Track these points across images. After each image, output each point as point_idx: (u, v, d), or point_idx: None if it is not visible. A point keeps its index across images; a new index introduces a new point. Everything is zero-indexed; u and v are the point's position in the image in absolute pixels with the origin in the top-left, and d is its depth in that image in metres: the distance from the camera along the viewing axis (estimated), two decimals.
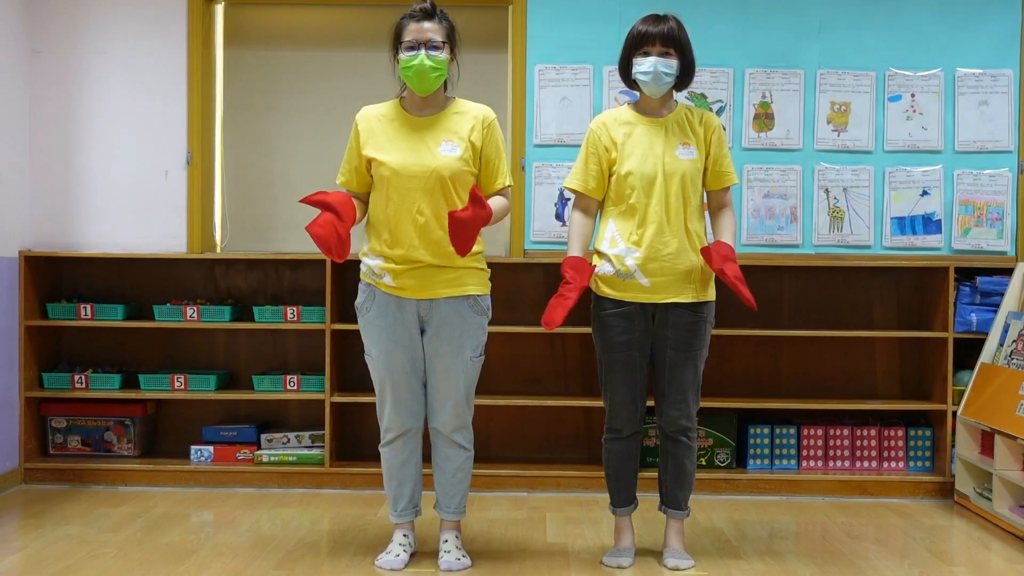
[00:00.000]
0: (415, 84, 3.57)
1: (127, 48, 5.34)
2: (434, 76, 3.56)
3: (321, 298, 5.17)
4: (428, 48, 3.54)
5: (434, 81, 3.57)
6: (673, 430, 3.84)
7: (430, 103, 3.65)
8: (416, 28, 3.56)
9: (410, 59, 3.54)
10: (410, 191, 3.54)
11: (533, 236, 5.30)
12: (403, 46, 3.57)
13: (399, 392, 3.63)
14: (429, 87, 3.58)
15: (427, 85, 3.57)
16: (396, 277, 3.57)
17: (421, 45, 3.54)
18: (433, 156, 3.56)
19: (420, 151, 3.57)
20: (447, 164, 3.55)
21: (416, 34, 3.55)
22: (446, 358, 3.61)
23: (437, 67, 3.55)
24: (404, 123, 3.64)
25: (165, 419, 5.46)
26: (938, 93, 5.26)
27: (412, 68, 3.54)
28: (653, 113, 3.83)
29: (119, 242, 5.31)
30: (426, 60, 3.53)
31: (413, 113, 3.66)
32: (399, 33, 3.60)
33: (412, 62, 3.54)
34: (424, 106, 3.65)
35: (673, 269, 3.72)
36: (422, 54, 3.53)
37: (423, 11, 3.59)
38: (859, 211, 5.26)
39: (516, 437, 5.41)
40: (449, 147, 3.58)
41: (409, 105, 3.68)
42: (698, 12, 5.14)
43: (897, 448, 5.20)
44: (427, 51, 3.53)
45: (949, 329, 5.05)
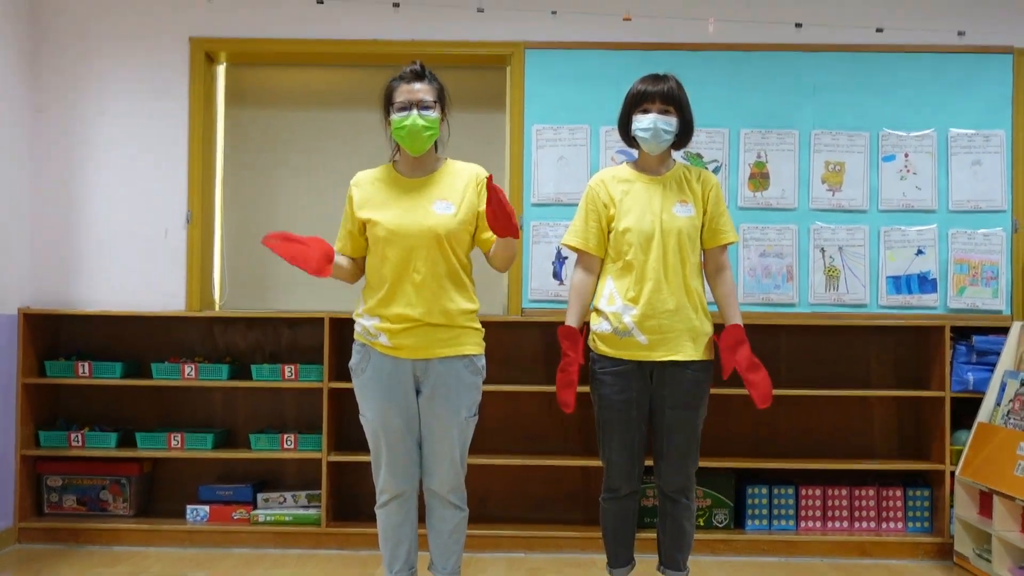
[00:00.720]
0: (408, 144, 3.59)
1: (129, 107, 5.39)
2: (426, 135, 3.58)
3: (319, 356, 5.16)
4: (419, 108, 3.56)
5: (426, 140, 3.59)
6: (672, 490, 3.81)
7: (422, 164, 3.67)
8: (407, 89, 3.59)
9: (402, 119, 3.56)
10: (406, 250, 3.54)
11: (531, 295, 5.30)
12: (395, 107, 3.59)
13: (395, 453, 3.61)
14: (422, 146, 3.60)
15: (419, 144, 3.59)
16: (392, 337, 3.56)
17: (412, 105, 3.55)
18: (428, 215, 3.57)
19: (415, 211, 3.58)
20: (442, 223, 3.56)
21: (407, 95, 3.57)
22: (442, 418, 3.59)
23: (429, 126, 3.57)
24: (398, 185, 3.65)
25: (161, 478, 5.43)
26: (931, 153, 5.30)
27: (404, 128, 3.56)
28: (652, 171, 3.85)
29: (118, 300, 5.32)
30: (418, 120, 3.55)
31: (406, 175, 3.67)
32: (390, 95, 3.63)
33: (404, 122, 3.56)
34: (417, 167, 3.67)
35: (671, 327, 3.71)
36: (414, 114, 3.55)
37: (413, 72, 3.61)
38: (855, 270, 5.27)
39: (514, 496, 5.37)
40: (443, 206, 3.59)
41: (402, 167, 3.69)
42: (694, 73, 5.16)
43: (896, 508, 5.17)
44: (419, 111, 3.55)
45: (946, 388, 5.04)
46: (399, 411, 3.58)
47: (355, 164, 3.82)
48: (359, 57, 5.51)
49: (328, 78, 5.82)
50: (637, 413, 3.77)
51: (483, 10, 5.28)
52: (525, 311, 5.29)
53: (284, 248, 3.48)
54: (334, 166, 5.63)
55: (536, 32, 5.34)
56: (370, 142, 4.27)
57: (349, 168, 3.83)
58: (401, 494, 3.64)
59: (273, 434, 5.18)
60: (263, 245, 3.46)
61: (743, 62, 5.32)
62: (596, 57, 5.32)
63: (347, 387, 4.95)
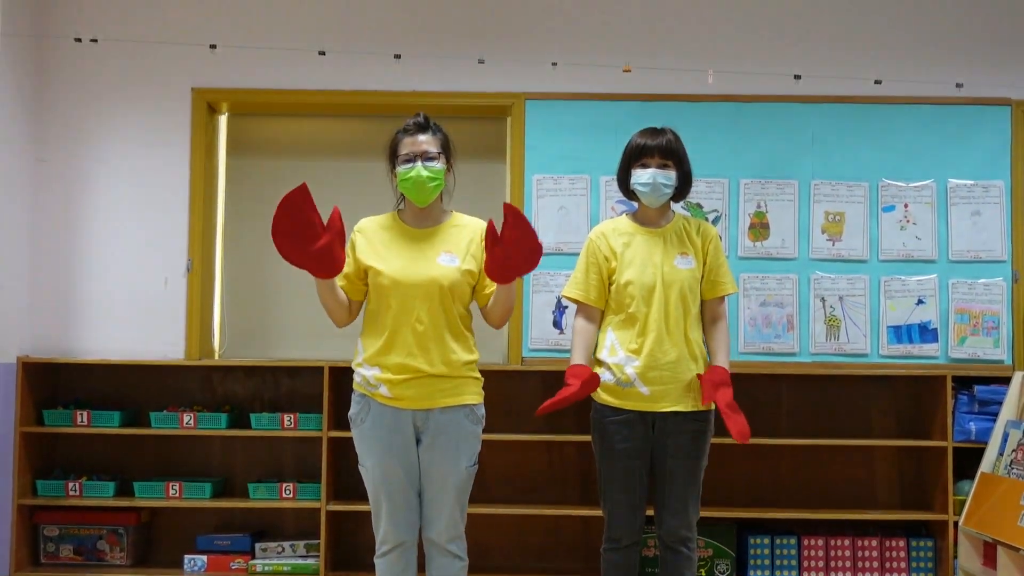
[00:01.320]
0: (413, 195, 3.60)
1: (131, 157, 5.40)
2: (431, 186, 3.58)
3: (318, 405, 5.13)
4: (424, 160, 3.56)
5: (432, 191, 3.60)
6: (673, 540, 3.78)
7: (428, 215, 3.67)
8: (411, 141, 3.60)
9: (407, 171, 3.57)
10: (409, 299, 3.54)
11: (531, 344, 5.29)
12: (399, 159, 3.60)
13: (395, 504, 3.58)
14: (427, 197, 3.60)
15: (425, 195, 3.59)
16: (393, 388, 3.54)
17: (417, 157, 3.56)
18: (432, 266, 3.57)
19: (419, 261, 3.58)
20: (446, 274, 3.56)
21: (411, 147, 3.59)
22: (442, 468, 3.57)
23: (434, 177, 3.57)
24: (402, 234, 3.65)
25: (159, 527, 5.38)
26: (931, 203, 5.31)
27: (410, 180, 3.57)
28: (652, 223, 3.86)
29: (117, 348, 5.30)
30: (423, 171, 3.56)
31: (411, 224, 3.67)
32: (395, 147, 3.64)
33: (409, 174, 3.57)
34: (422, 218, 3.67)
35: (673, 378, 3.71)
36: (418, 166, 3.56)
37: (416, 124, 3.63)
38: (855, 319, 5.27)
39: (514, 546, 5.32)
40: (448, 258, 3.59)
41: (407, 217, 3.69)
42: (693, 124, 5.20)
43: (899, 559, 5.13)
44: (423, 162, 3.56)
45: (948, 438, 5.01)
46: (399, 461, 3.56)
47: (357, 214, 3.82)
48: (360, 108, 5.53)
49: (329, 128, 5.84)
50: (639, 462, 3.75)
51: (484, 61, 5.31)
52: (525, 360, 5.28)
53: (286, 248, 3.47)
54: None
55: (536, 83, 5.37)
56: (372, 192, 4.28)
57: (352, 217, 3.83)
58: (402, 544, 3.60)
59: (272, 483, 5.14)
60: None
61: (742, 113, 5.34)
62: (596, 108, 5.34)
63: (346, 436, 4.91)
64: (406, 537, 3.61)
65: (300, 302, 5.49)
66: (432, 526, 3.61)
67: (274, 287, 5.67)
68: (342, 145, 5.81)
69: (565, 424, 5.27)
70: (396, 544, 3.60)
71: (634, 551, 3.84)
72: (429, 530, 3.62)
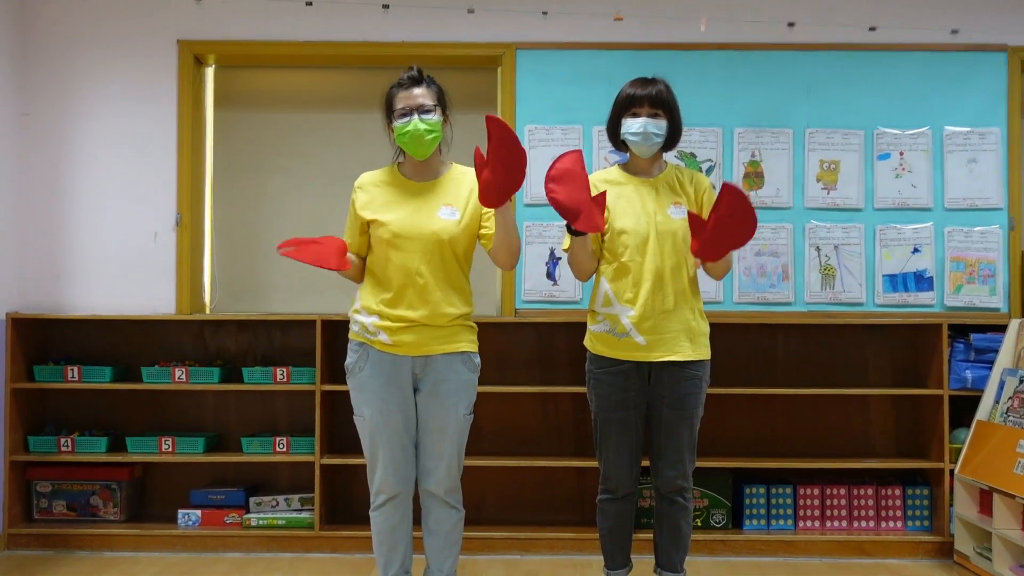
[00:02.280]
0: (412, 149, 3.58)
1: (117, 111, 5.32)
2: (429, 139, 3.56)
3: (311, 359, 5.10)
4: (420, 113, 3.55)
5: (430, 144, 3.58)
6: (669, 490, 3.76)
7: (427, 168, 3.65)
8: (406, 95, 3.58)
9: (404, 125, 3.56)
10: (410, 253, 3.53)
11: (524, 296, 5.25)
12: (396, 114, 3.59)
13: (392, 453, 3.56)
14: (426, 150, 3.58)
15: (424, 148, 3.58)
16: (392, 335, 3.53)
17: (413, 111, 3.55)
18: (432, 219, 3.56)
19: (420, 214, 3.57)
20: (446, 228, 3.55)
21: (407, 101, 3.57)
22: (440, 416, 3.56)
23: (432, 129, 3.56)
24: (402, 188, 3.63)
25: (152, 483, 5.36)
26: (927, 151, 5.26)
27: (407, 134, 3.55)
28: (643, 173, 3.81)
29: (107, 304, 5.25)
30: (420, 124, 3.54)
31: (411, 178, 3.66)
32: (390, 102, 3.62)
33: (407, 128, 3.55)
34: (422, 171, 3.65)
35: (668, 327, 3.68)
36: (415, 119, 3.55)
37: (411, 78, 3.61)
38: (851, 269, 5.23)
39: (509, 499, 5.31)
40: (448, 211, 3.58)
41: (407, 171, 3.67)
42: (687, 73, 5.15)
43: (895, 508, 5.12)
44: (420, 115, 3.55)
45: (944, 386, 4.99)
46: (398, 408, 3.55)
47: (347, 166, 3.79)
48: (349, 59, 5.45)
49: (318, 80, 5.78)
50: (635, 413, 3.72)
51: (473, 11, 5.24)
52: (519, 312, 5.24)
53: (303, 253, 3.48)
54: (325, 169, 5.59)
55: (527, 32, 5.29)
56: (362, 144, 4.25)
57: (341, 171, 3.80)
58: (398, 495, 3.59)
59: (265, 437, 5.11)
60: (281, 254, 3.46)
61: (736, 61, 5.27)
62: (588, 57, 5.27)
63: (340, 389, 4.91)
64: (402, 488, 3.59)
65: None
66: (430, 476, 3.60)
67: (265, 240, 5.63)
68: (330, 97, 5.76)
69: (559, 376, 5.27)
70: (392, 495, 3.59)
71: (630, 501, 3.83)
72: (426, 480, 3.61)
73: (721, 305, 5.21)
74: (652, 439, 3.77)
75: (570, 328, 5.15)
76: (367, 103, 3.71)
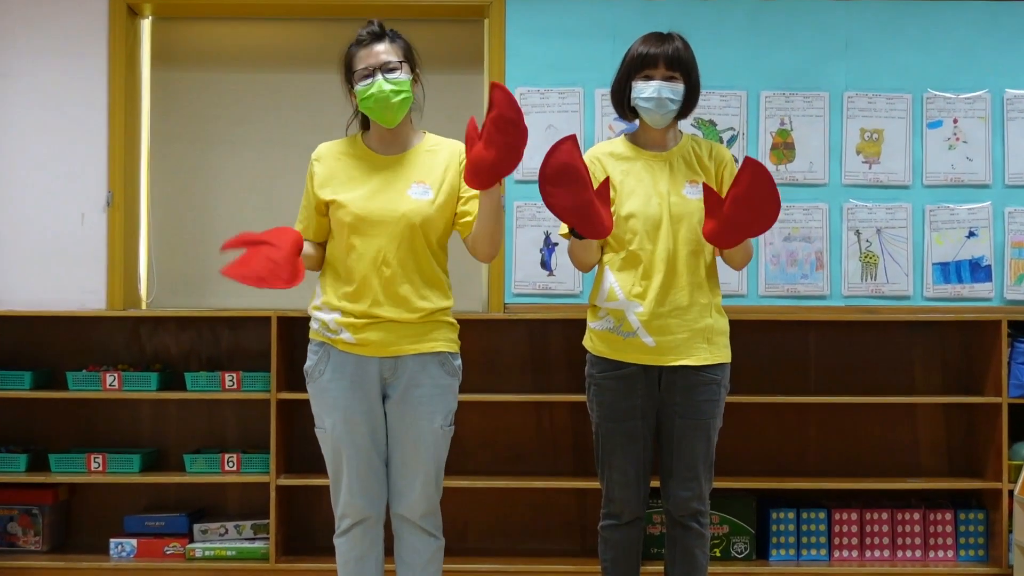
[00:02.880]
0: (379, 115, 3.58)
1: (37, 69, 5.36)
2: (397, 101, 3.56)
3: (266, 362, 5.14)
4: (384, 72, 3.56)
5: (399, 107, 3.58)
6: (682, 514, 3.79)
7: (396, 138, 3.66)
8: (367, 53, 3.58)
9: (367, 87, 3.55)
10: (375, 238, 3.54)
11: (515, 288, 5.30)
12: (356, 76, 3.59)
13: (358, 470, 3.59)
14: (395, 115, 3.59)
15: (392, 113, 3.58)
16: (356, 332, 3.57)
17: (376, 70, 3.55)
18: (402, 199, 3.57)
19: (387, 193, 3.58)
20: (418, 209, 3.56)
21: (368, 59, 3.57)
22: (413, 426, 3.59)
23: (399, 90, 3.56)
24: (368, 162, 3.65)
25: (80, 507, 5.40)
26: (984, 118, 5.32)
27: (371, 97, 3.55)
28: (655, 146, 3.82)
29: (26, 298, 5.29)
30: (385, 85, 3.54)
31: (378, 151, 3.66)
32: (350, 63, 3.62)
33: (370, 90, 3.55)
34: (390, 142, 3.66)
35: (682, 326, 3.70)
36: (379, 79, 3.54)
37: (371, 34, 3.61)
38: (895, 256, 5.30)
39: (497, 525, 5.37)
40: (421, 189, 3.59)
41: (372, 142, 3.68)
42: (705, 26, 5.19)
43: (945, 535, 5.19)
44: (384, 75, 3.55)
45: (1003, 393, 5.05)
46: (364, 417, 3.58)
47: (308, 135, 3.82)
48: (309, 9, 5.50)
49: (272, 34, 5.80)
50: (643, 424, 3.75)
51: None
52: (508, 307, 5.30)
53: (248, 268, 3.45)
54: (283, 138, 5.59)
55: None
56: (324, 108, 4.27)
57: (299, 139, 3.85)
58: (365, 519, 3.62)
59: (212, 454, 5.16)
60: (223, 276, 3.45)
61: (763, 13, 5.32)
62: (589, 7, 5.31)
63: (298, 398, 4.95)
64: (371, 511, 3.63)
65: None
66: (402, 498, 3.63)
67: (210, 222, 5.66)
68: (285, 53, 5.76)
69: (555, 381, 5.31)
70: (359, 519, 3.62)
71: (637, 528, 3.85)
72: (399, 504, 3.64)
73: (744, 299, 5.28)
74: (663, 455, 3.80)
75: (568, 325, 5.18)
76: (327, 60, 3.72)
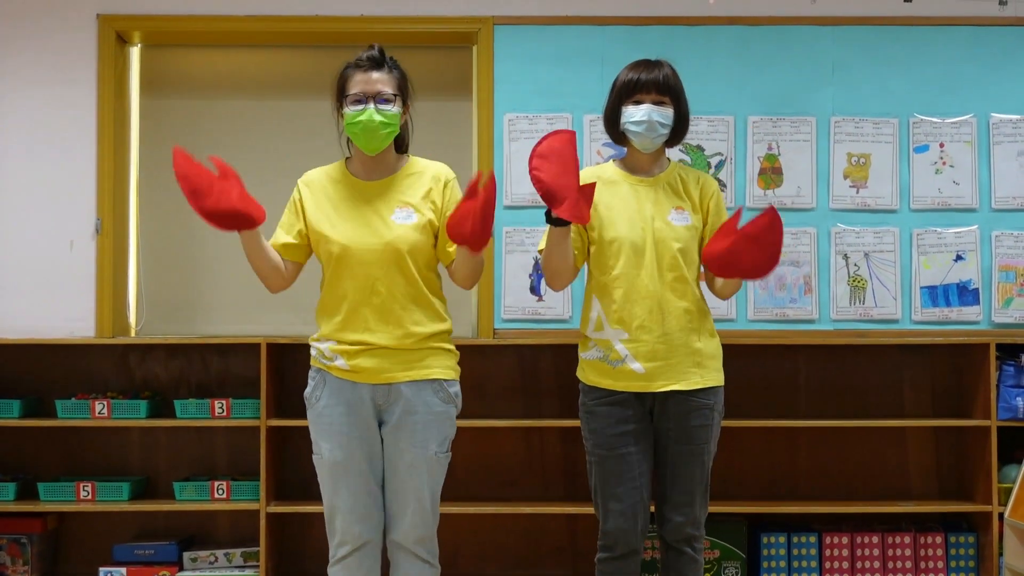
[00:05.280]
0: (362, 142, 3.59)
1: (26, 98, 5.37)
2: (384, 133, 3.58)
3: (255, 389, 5.13)
4: (377, 101, 3.56)
5: (384, 139, 3.59)
6: (676, 539, 3.78)
7: (380, 164, 3.66)
8: (363, 79, 3.59)
9: (356, 114, 3.56)
10: (363, 267, 3.55)
11: (504, 313, 5.30)
12: (348, 99, 3.59)
13: (355, 495, 3.59)
14: (378, 145, 3.60)
15: (376, 143, 3.59)
16: (350, 359, 3.57)
17: (369, 98, 3.56)
18: (387, 227, 3.57)
19: (372, 222, 3.58)
20: (403, 236, 3.56)
21: (363, 86, 3.57)
22: (408, 453, 3.58)
23: (388, 123, 3.57)
24: (352, 189, 3.65)
25: (69, 536, 5.38)
26: (971, 142, 5.34)
27: (359, 124, 3.56)
28: (642, 171, 3.83)
29: (15, 325, 5.28)
30: (375, 115, 3.54)
31: (361, 177, 3.67)
32: (343, 84, 3.63)
33: (359, 117, 3.55)
34: (373, 168, 3.66)
35: (670, 352, 3.69)
36: (370, 108, 3.55)
37: (371, 59, 3.61)
38: (884, 280, 5.31)
39: (488, 551, 5.36)
40: (404, 214, 3.60)
41: (356, 167, 3.69)
42: (693, 52, 5.22)
43: (935, 558, 5.19)
44: (376, 105, 3.56)
45: (992, 416, 5.06)
46: (360, 444, 3.58)
47: (298, 162, 3.81)
48: (298, 36, 5.51)
49: (261, 61, 5.82)
50: (636, 450, 3.73)
51: None
52: (498, 332, 5.30)
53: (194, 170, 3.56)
54: (272, 164, 5.58)
55: (507, 4, 5.36)
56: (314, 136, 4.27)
57: (289, 166, 3.83)
58: (363, 545, 3.61)
59: (201, 482, 5.15)
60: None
61: (750, 38, 5.35)
62: (577, 33, 5.34)
63: (289, 424, 4.96)
64: (369, 536, 3.61)
65: (231, 268, 5.44)
66: (397, 525, 3.62)
67: (200, 250, 5.66)
68: (276, 81, 5.78)
69: (546, 407, 5.32)
70: (357, 545, 3.60)
71: (634, 561, 3.79)
72: (394, 530, 3.63)
73: (734, 323, 5.29)
74: (657, 480, 3.79)
75: (558, 351, 5.20)
76: (317, 88, 3.74)
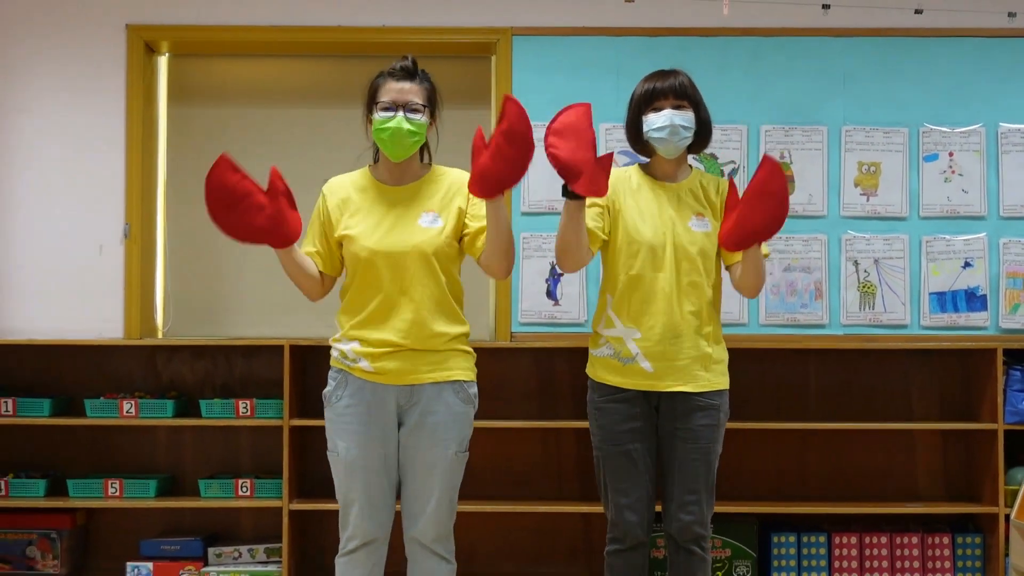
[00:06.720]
0: (389, 148, 3.63)
1: (57, 106, 5.42)
2: (411, 141, 3.62)
3: (279, 390, 5.17)
4: (407, 110, 3.60)
5: (410, 146, 3.63)
6: (684, 538, 3.80)
7: (406, 171, 3.71)
8: (395, 88, 3.63)
9: (385, 120, 3.60)
10: (389, 270, 3.58)
11: (521, 317, 5.34)
12: (378, 106, 3.63)
13: (369, 494, 3.62)
14: (404, 152, 3.64)
15: (402, 150, 3.63)
16: (374, 361, 3.60)
17: (399, 107, 3.60)
18: (414, 231, 3.62)
19: (398, 226, 3.62)
20: (430, 240, 3.61)
21: (394, 94, 3.62)
22: (428, 453, 3.62)
23: (415, 131, 3.61)
24: (378, 195, 3.69)
25: (97, 531, 5.42)
26: (979, 151, 5.36)
27: (387, 130, 3.60)
28: (665, 177, 3.86)
29: (45, 327, 5.33)
30: (404, 123, 3.59)
31: (387, 182, 3.71)
32: (375, 92, 3.67)
33: (388, 123, 3.59)
34: (399, 174, 3.70)
35: (680, 354, 3.73)
36: (399, 116, 3.59)
37: (404, 69, 3.65)
38: (893, 286, 5.34)
39: (504, 548, 5.39)
40: (430, 218, 3.64)
41: (382, 174, 3.73)
42: (707, 62, 5.24)
43: (943, 558, 5.22)
44: (405, 113, 3.60)
45: (999, 420, 5.07)
46: (378, 443, 3.61)
47: (321, 169, 3.81)
48: (322, 46, 5.54)
49: (286, 70, 5.83)
50: (643, 447, 3.78)
51: None
52: (515, 336, 5.34)
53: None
54: (297, 171, 5.49)
55: (525, 16, 5.39)
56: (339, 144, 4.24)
57: (315, 174, 3.84)
58: (372, 541, 3.64)
59: (226, 480, 5.19)
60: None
61: (763, 49, 5.39)
62: (594, 45, 5.37)
63: (311, 424, 4.99)
64: (378, 533, 3.65)
65: (256, 271, 5.52)
66: (415, 522, 3.66)
67: (225, 254, 5.67)
68: (300, 90, 5.79)
69: (561, 408, 5.34)
70: (367, 540, 3.64)
71: (642, 553, 3.84)
72: (412, 528, 3.66)
73: (745, 327, 5.33)
74: (664, 479, 3.82)
75: (573, 354, 5.18)
76: (342, 97, 3.74)
